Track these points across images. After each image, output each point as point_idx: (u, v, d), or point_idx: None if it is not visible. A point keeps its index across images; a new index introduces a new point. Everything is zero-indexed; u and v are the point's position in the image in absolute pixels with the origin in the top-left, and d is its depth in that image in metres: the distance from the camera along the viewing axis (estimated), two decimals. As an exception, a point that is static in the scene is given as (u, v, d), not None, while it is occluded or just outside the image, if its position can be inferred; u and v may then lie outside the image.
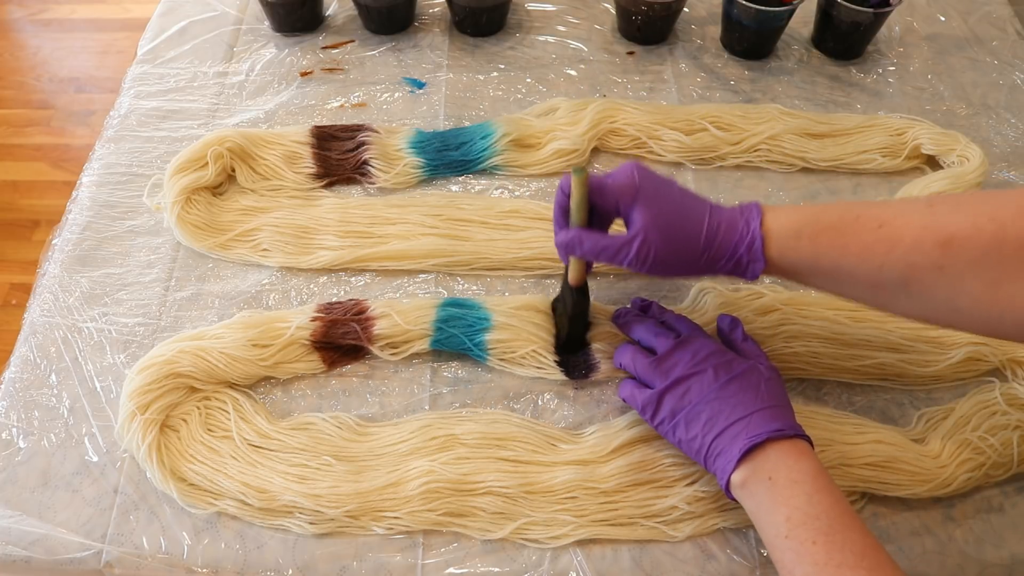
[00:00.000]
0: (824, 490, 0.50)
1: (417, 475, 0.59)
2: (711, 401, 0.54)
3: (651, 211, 0.55)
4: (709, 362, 0.56)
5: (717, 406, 0.54)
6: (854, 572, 0.46)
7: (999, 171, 0.81)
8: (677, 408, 0.55)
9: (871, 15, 0.84)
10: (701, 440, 0.54)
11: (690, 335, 0.59)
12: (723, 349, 0.58)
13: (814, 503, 0.49)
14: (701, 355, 0.56)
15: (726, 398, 0.54)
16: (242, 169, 0.76)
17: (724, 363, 0.56)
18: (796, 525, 0.48)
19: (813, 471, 0.51)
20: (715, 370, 0.55)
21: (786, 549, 0.48)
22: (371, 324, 0.65)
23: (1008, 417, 0.62)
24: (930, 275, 0.48)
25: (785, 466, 0.51)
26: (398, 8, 0.90)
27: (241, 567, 0.58)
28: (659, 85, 0.87)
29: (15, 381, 0.66)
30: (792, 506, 0.49)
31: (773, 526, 0.50)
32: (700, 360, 0.56)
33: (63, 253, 0.73)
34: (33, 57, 2.01)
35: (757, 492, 0.51)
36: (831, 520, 0.48)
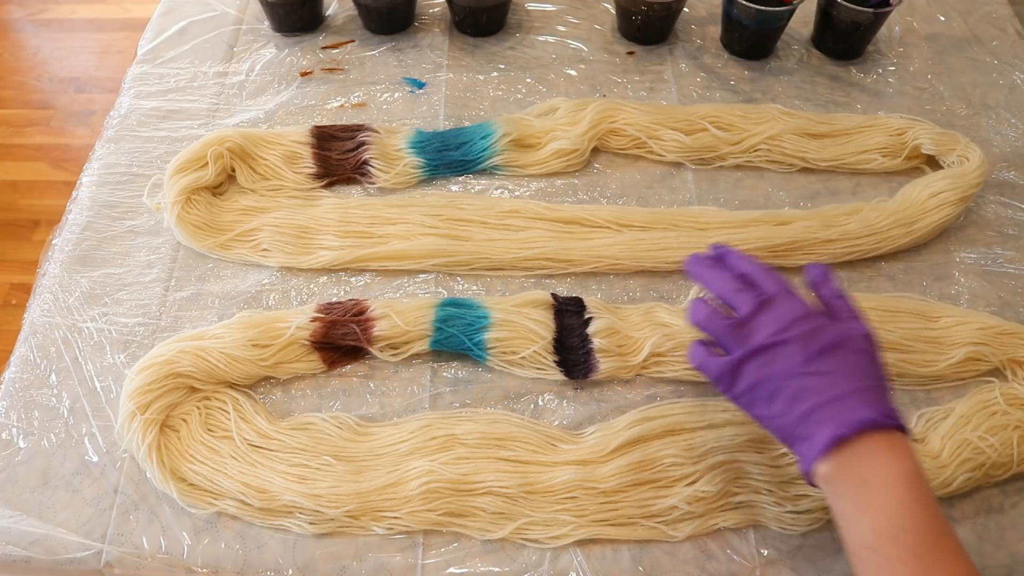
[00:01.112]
0: (920, 499, 0.44)
1: (417, 475, 0.59)
2: (797, 376, 0.48)
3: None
4: (796, 328, 0.49)
5: (803, 382, 0.47)
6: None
7: (999, 171, 0.81)
8: (758, 381, 0.49)
9: (871, 15, 0.84)
10: (782, 419, 0.48)
11: (775, 294, 0.51)
12: (813, 312, 0.50)
13: (907, 514, 0.44)
14: (787, 319, 0.49)
15: (814, 374, 0.47)
16: (242, 169, 0.76)
17: (813, 330, 0.49)
18: (885, 538, 0.44)
19: (908, 474, 0.45)
20: (803, 339, 0.48)
21: (869, 563, 0.44)
22: (371, 325, 0.65)
23: (1008, 417, 0.62)
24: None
25: (877, 465, 0.45)
26: (398, 8, 0.90)
27: (241, 567, 0.58)
28: (659, 85, 0.87)
29: (15, 381, 0.66)
30: (881, 514, 0.44)
31: (858, 533, 0.45)
32: (786, 326, 0.49)
33: (63, 253, 0.73)
34: (33, 57, 2.00)
35: (843, 492, 0.46)
36: (925, 538, 0.43)
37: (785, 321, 0.50)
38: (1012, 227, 0.77)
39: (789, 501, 0.59)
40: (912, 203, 0.74)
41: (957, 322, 0.68)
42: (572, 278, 0.72)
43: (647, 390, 0.66)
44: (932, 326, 0.68)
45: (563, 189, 0.78)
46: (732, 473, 0.60)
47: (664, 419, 0.62)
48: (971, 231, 0.76)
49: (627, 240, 0.72)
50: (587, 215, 0.74)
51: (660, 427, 0.62)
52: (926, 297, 0.71)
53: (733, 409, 0.63)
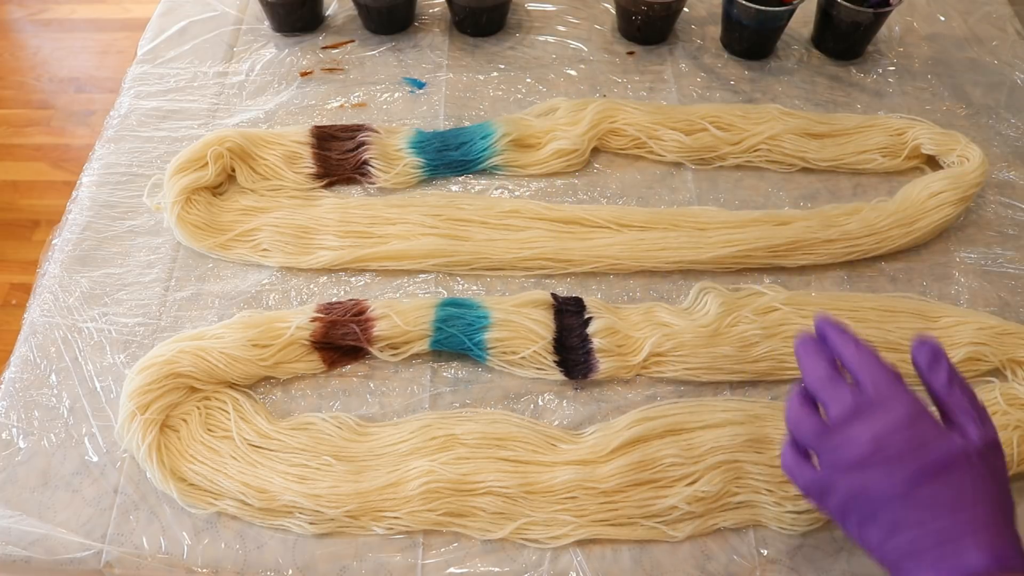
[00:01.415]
0: None
1: (417, 475, 0.59)
2: (896, 504, 0.40)
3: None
4: (896, 443, 0.41)
5: (903, 513, 0.40)
6: None
7: (999, 171, 0.81)
8: (849, 501, 0.42)
9: (871, 15, 0.84)
10: (881, 550, 0.41)
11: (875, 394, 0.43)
12: (919, 416, 0.42)
13: None
14: (886, 430, 0.41)
15: (916, 504, 0.40)
16: (242, 169, 0.76)
17: (919, 446, 0.41)
18: None
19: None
20: (904, 458, 0.41)
21: None
22: (371, 325, 0.65)
23: (1008, 417, 0.62)
24: None
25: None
26: (398, 8, 0.90)
27: (241, 567, 0.58)
28: (659, 85, 0.87)
29: (15, 381, 0.66)
30: None
31: None
32: (884, 439, 0.41)
33: (63, 253, 0.73)
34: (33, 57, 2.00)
35: None
36: None
37: (883, 433, 0.41)
38: (1012, 227, 0.77)
39: (789, 501, 0.59)
40: (912, 203, 0.74)
41: (957, 322, 0.68)
42: (572, 278, 0.72)
43: (647, 390, 0.66)
44: (932, 326, 0.68)
45: (563, 189, 0.78)
46: (732, 473, 0.60)
47: (664, 419, 0.62)
48: (971, 231, 0.76)
49: (627, 240, 0.72)
50: (587, 215, 0.74)
51: (660, 427, 0.62)
52: (926, 297, 0.71)
53: (733, 409, 0.63)
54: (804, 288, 0.72)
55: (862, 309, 0.68)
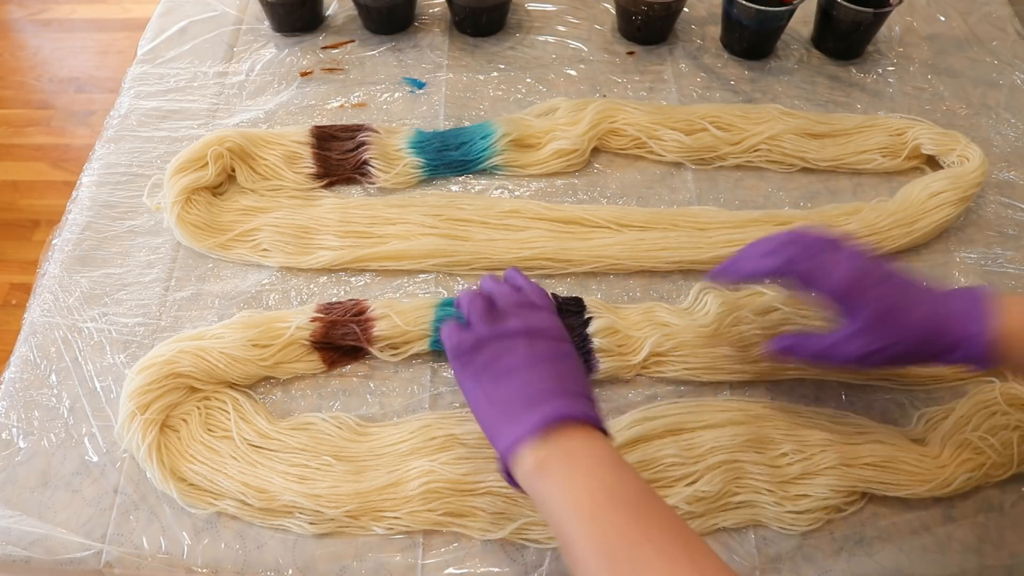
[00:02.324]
0: (626, 468, 0.48)
1: (417, 475, 0.59)
2: (530, 367, 0.51)
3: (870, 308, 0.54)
4: (545, 333, 0.54)
5: (533, 374, 0.51)
6: (664, 536, 0.43)
7: (999, 171, 0.81)
8: (492, 361, 0.52)
9: (871, 15, 0.84)
10: (504, 400, 0.51)
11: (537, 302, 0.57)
12: (562, 328, 0.56)
13: (617, 477, 0.47)
14: (537, 322, 0.55)
15: (545, 369, 0.51)
16: (242, 169, 0.76)
17: (557, 338, 0.54)
18: (600, 502, 0.45)
19: (613, 453, 0.49)
20: (547, 341, 0.53)
21: (586, 527, 0.45)
22: (371, 325, 0.65)
23: (1008, 417, 0.62)
24: None
25: (587, 446, 0.48)
26: (398, 8, 0.90)
27: (241, 567, 0.58)
28: (659, 85, 0.87)
29: (15, 381, 0.66)
30: (595, 480, 0.46)
31: (572, 503, 0.46)
32: (535, 325, 0.54)
33: (63, 253, 0.73)
34: (33, 57, 2.01)
35: (556, 470, 0.47)
36: (636, 492, 0.46)
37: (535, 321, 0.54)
38: (1012, 227, 0.77)
39: (789, 501, 0.59)
40: (912, 203, 0.74)
41: None
42: (572, 278, 0.72)
43: (647, 390, 0.66)
44: None
45: (563, 189, 0.78)
46: (732, 473, 0.60)
47: (664, 419, 0.62)
48: (971, 231, 0.76)
49: (627, 240, 0.72)
50: (587, 215, 0.74)
51: (660, 427, 0.62)
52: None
53: (733, 409, 0.63)
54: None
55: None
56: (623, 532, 0.44)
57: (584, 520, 0.45)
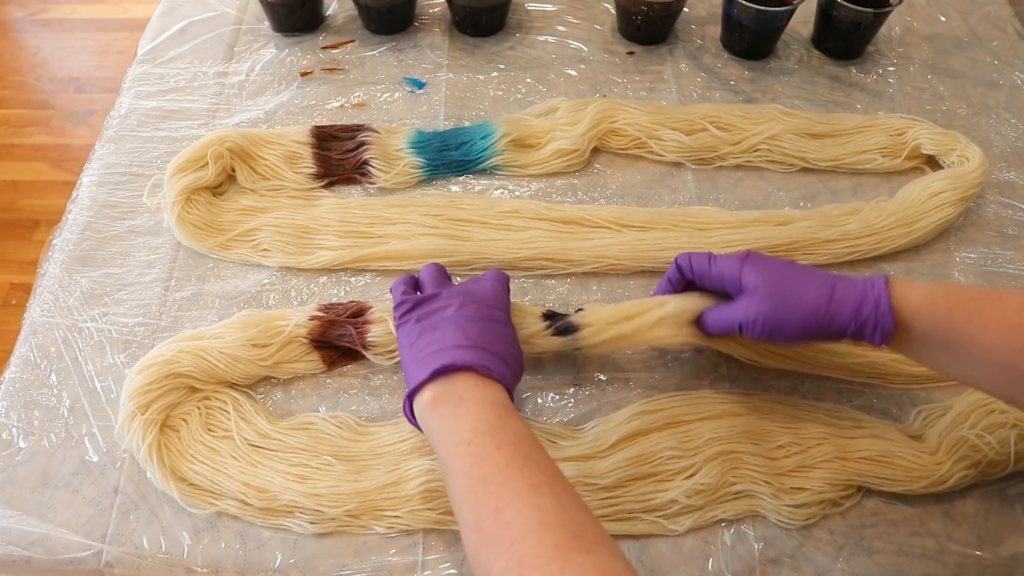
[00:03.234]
0: (513, 416, 0.51)
1: (417, 474, 0.59)
2: (454, 324, 0.55)
3: (760, 275, 0.56)
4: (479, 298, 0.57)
5: (454, 330, 0.54)
6: (536, 475, 0.46)
7: (999, 171, 0.81)
8: (424, 316, 0.56)
9: (871, 15, 0.84)
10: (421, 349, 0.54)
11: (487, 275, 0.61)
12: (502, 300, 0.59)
13: (499, 419, 0.50)
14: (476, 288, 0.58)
15: (466, 327, 0.55)
16: (242, 169, 0.76)
17: (489, 305, 0.57)
18: (481, 434, 0.49)
19: (505, 402, 0.52)
20: (479, 305, 0.57)
21: (466, 455, 0.48)
22: (366, 330, 0.64)
23: (1006, 415, 0.62)
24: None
25: (478, 391, 0.52)
26: (398, 8, 0.90)
27: (241, 567, 0.58)
28: (659, 85, 0.87)
29: (15, 381, 0.66)
30: (480, 419, 0.50)
31: (456, 436, 0.49)
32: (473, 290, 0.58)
33: (63, 253, 0.73)
34: (33, 57, 2.01)
35: (445, 407, 0.51)
36: (518, 436, 0.49)
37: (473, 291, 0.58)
38: (1012, 227, 0.77)
39: (786, 494, 0.60)
40: (912, 203, 0.74)
41: None
42: (572, 278, 0.72)
43: (647, 389, 0.66)
44: None
45: (563, 189, 0.78)
46: (729, 464, 0.60)
47: (662, 412, 0.63)
48: (971, 231, 0.76)
49: (627, 240, 0.72)
50: (587, 215, 0.74)
51: (659, 420, 0.62)
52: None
53: (731, 401, 0.64)
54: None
55: None
56: (498, 464, 0.47)
57: (463, 448, 0.48)
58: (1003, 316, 0.49)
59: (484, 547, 0.44)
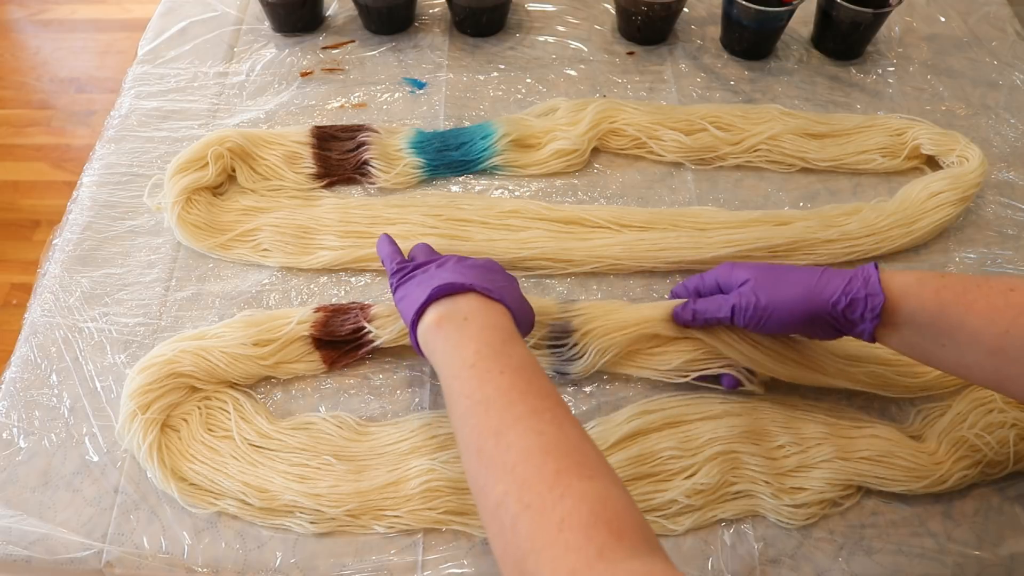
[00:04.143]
0: (517, 342, 0.51)
1: (417, 474, 0.59)
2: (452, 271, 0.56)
3: (750, 270, 0.59)
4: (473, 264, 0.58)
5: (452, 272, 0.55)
6: (539, 402, 0.46)
7: (999, 171, 0.81)
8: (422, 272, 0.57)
9: (871, 15, 0.84)
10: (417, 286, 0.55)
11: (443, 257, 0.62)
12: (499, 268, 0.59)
13: (507, 346, 0.50)
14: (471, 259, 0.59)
15: (464, 269, 0.56)
16: (242, 169, 0.76)
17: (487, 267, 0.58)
18: (485, 357, 0.49)
19: (510, 327, 0.52)
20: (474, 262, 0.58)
21: (469, 377, 0.48)
22: (369, 306, 0.66)
23: (1005, 415, 0.62)
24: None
25: (483, 313, 0.52)
26: (398, 8, 0.90)
27: (241, 567, 0.58)
28: (659, 85, 0.87)
29: (16, 381, 0.66)
30: (484, 343, 0.50)
31: (460, 358, 0.49)
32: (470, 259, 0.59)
33: (64, 253, 0.73)
34: (34, 57, 2.01)
35: (450, 328, 0.51)
36: (522, 361, 0.49)
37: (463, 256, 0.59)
38: (1012, 227, 0.77)
39: (786, 494, 0.60)
40: (912, 203, 0.75)
41: None
42: (572, 278, 0.72)
43: (647, 389, 0.66)
44: None
45: (563, 189, 0.78)
46: (729, 464, 0.60)
47: (662, 412, 0.63)
48: (971, 231, 0.77)
49: (627, 240, 0.72)
50: (587, 215, 0.74)
51: (659, 420, 0.62)
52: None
53: (730, 401, 0.64)
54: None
55: None
56: (501, 388, 0.47)
57: (466, 370, 0.49)
58: (989, 298, 0.50)
59: (484, 470, 0.44)
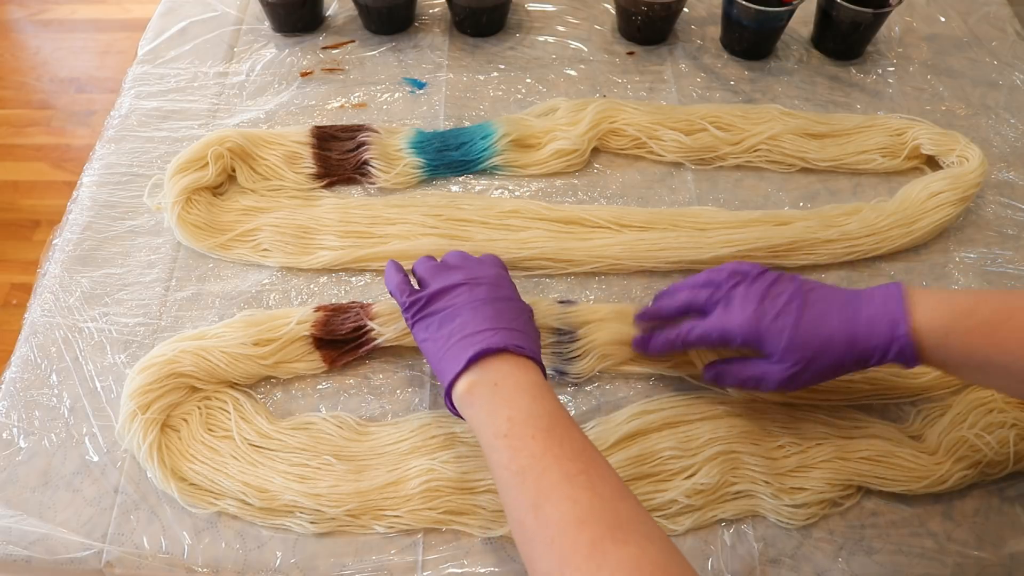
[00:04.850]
0: (547, 398, 0.51)
1: (417, 474, 0.59)
2: (470, 309, 0.55)
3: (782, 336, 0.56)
4: (485, 280, 0.58)
5: (472, 315, 0.55)
6: (572, 464, 0.47)
7: (999, 171, 0.81)
8: (438, 310, 0.57)
9: (871, 15, 0.84)
10: (446, 340, 0.55)
11: (484, 259, 0.61)
12: (503, 278, 0.59)
13: (535, 405, 0.50)
14: (478, 271, 0.59)
15: (482, 311, 0.55)
16: (242, 169, 0.76)
17: (495, 285, 0.58)
18: (517, 423, 0.49)
19: (539, 383, 0.52)
20: (486, 287, 0.57)
21: (504, 447, 0.49)
22: (370, 305, 0.66)
23: (1005, 415, 0.62)
24: None
25: (512, 375, 0.52)
26: (398, 8, 0.90)
27: (241, 567, 0.58)
28: (659, 85, 0.87)
29: (16, 381, 0.66)
30: (515, 407, 0.50)
31: (493, 427, 0.50)
32: (476, 274, 0.58)
33: (64, 253, 0.73)
34: (34, 57, 2.01)
35: (480, 397, 0.52)
36: (552, 420, 0.50)
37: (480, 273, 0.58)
38: (1012, 227, 0.77)
39: (786, 494, 0.60)
40: (912, 203, 0.75)
41: None
42: (572, 278, 0.72)
43: (647, 389, 0.66)
44: None
45: (563, 189, 0.78)
46: (729, 464, 0.60)
47: (662, 412, 0.63)
48: (971, 231, 0.77)
49: (627, 240, 0.72)
50: (587, 215, 0.74)
51: (658, 420, 0.62)
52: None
53: (730, 401, 0.64)
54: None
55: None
56: (534, 455, 0.48)
57: (501, 440, 0.49)
58: (1016, 334, 0.50)
59: (528, 544, 0.46)
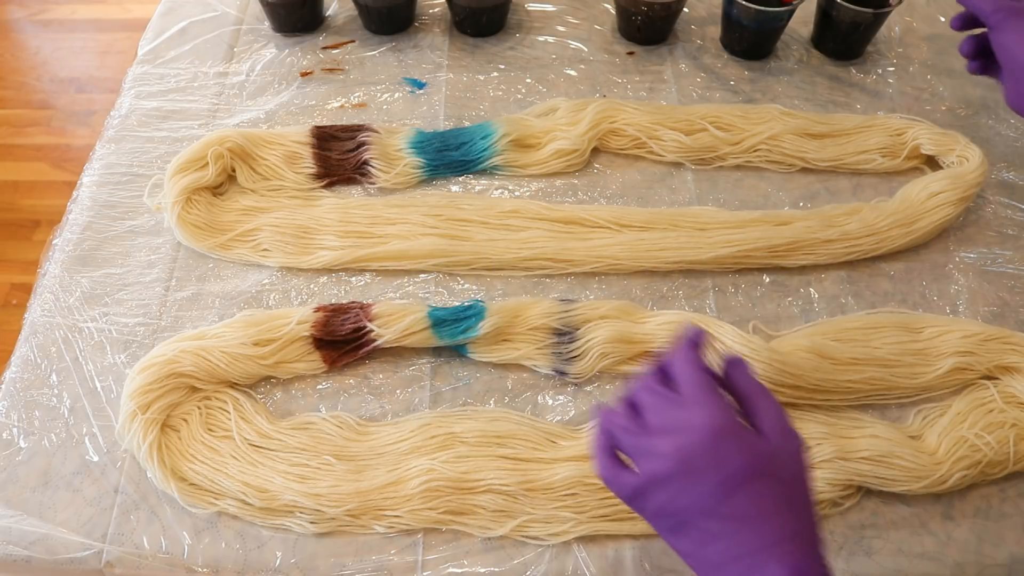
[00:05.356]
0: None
1: (417, 474, 0.59)
2: (706, 516, 0.40)
3: None
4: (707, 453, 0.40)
5: (711, 525, 0.40)
6: None
7: (999, 171, 0.81)
8: (661, 511, 0.42)
9: (871, 15, 0.84)
10: (692, 560, 0.41)
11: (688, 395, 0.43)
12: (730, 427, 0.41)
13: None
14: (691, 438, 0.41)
15: (723, 516, 0.40)
16: (242, 169, 0.76)
17: (726, 456, 0.40)
18: None
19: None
20: (715, 468, 0.40)
21: None
22: (370, 306, 0.66)
23: (1004, 415, 0.62)
24: None
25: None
26: (398, 8, 0.90)
27: (241, 567, 0.58)
28: (659, 85, 0.87)
29: (16, 381, 0.66)
30: None
31: None
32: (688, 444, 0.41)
33: (64, 253, 0.73)
34: (34, 57, 2.01)
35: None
36: None
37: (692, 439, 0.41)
38: (1012, 227, 0.77)
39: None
40: (912, 203, 0.75)
41: (941, 332, 0.67)
42: (572, 278, 0.72)
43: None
44: (917, 338, 0.67)
45: (563, 189, 0.78)
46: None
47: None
48: (971, 231, 0.77)
49: (627, 240, 0.72)
50: (587, 215, 0.74)
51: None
52: (925, 298, 0.72)
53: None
54: (804, 288, 0.72)
55: (846, 330, 0.68)
56: None
57: None
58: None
59: None
